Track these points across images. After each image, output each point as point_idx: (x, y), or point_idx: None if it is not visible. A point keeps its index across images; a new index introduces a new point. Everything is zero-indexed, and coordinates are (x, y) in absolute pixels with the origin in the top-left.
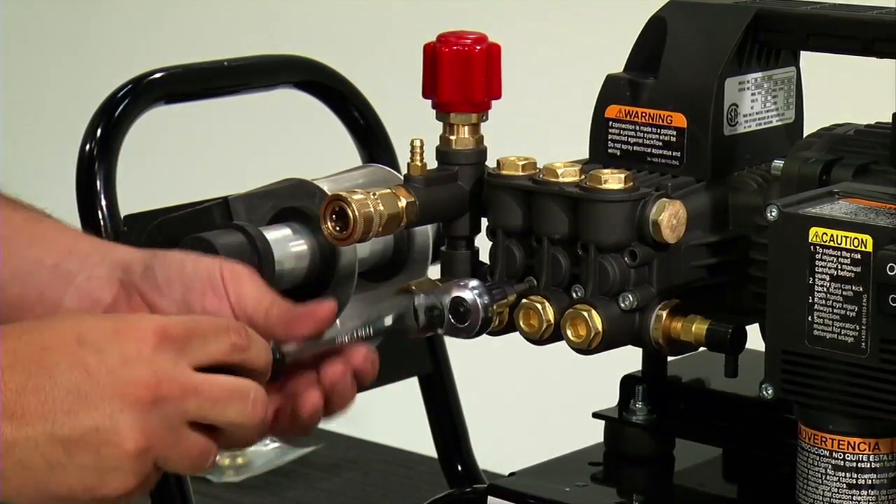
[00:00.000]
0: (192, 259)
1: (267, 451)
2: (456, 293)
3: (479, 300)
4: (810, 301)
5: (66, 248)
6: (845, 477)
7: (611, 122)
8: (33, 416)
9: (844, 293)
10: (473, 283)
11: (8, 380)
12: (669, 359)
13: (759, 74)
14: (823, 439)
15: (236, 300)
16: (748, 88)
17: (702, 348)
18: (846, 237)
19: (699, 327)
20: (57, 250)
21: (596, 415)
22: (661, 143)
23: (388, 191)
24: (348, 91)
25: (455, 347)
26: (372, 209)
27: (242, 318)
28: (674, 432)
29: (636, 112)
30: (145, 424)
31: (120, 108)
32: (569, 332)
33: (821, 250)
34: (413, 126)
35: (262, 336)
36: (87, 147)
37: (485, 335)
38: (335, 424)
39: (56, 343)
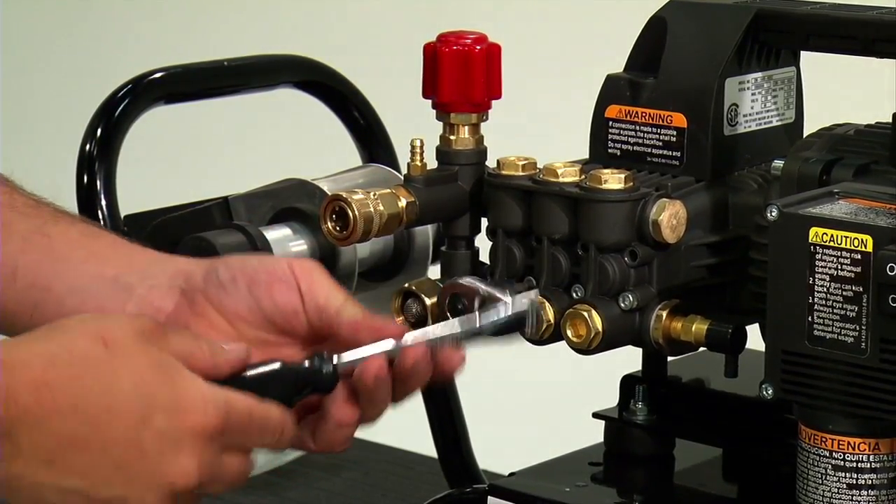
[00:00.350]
0: (257, 258)
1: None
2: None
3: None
4: (810, 301)
5: (125, 262)
6: (845, 477)
7: (611, 122)
8: (73, 474)
9: (844, 293)
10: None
11: (61, 428)
12: (669, 359)
13: (759, 74)
14: (823, 439)
15: (307, 290)
16: (748, 88)
17: (702, 348)
18: (846, 237)
19: (699, 327)
20: (116, 264)
21: (596, 415)
22: (661, 143)
23: (388, 191)
24: (348, 91)
25: None
26: (372, 209)
27: (312, 308)
28: (674, 432)
29: (636, 112)
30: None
31: (120, 108)
32: (569, 332)
33: (821, 250)
34: (413, 126)
35: (329, 329)
36: (87, 147)
37: None
38: None
39: (122, 412)
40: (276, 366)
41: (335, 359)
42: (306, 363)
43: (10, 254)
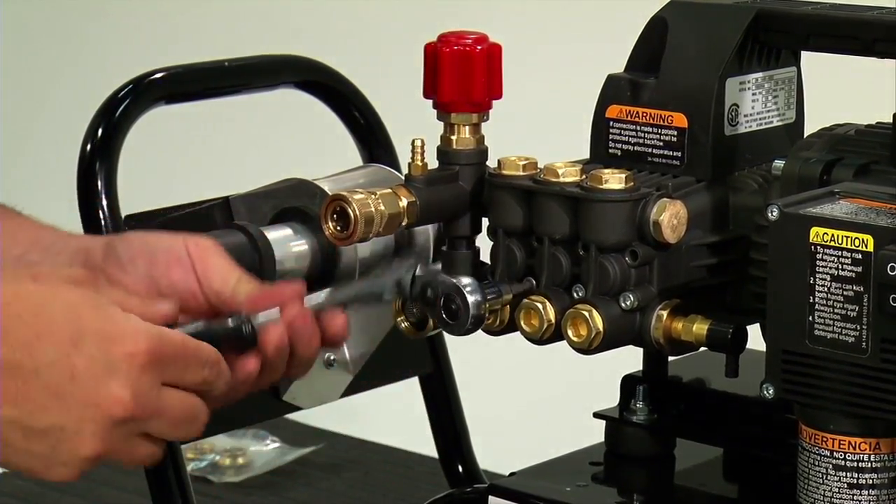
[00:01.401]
0: (155, 235)
1: (267, 451)
2: (450, 289)
3: (470, 297)
4: (811, 301)
5: (31, 240)
6: (846, 477)
7: (611, 122)
8: (6, 403)
9: (845, 293)
10: (466, 280)
11: None
12: (670, 359)
13: (759, 74)
14: (824, 439)
15: (203, 273)
16: (749, 88)
17: (702, 348)
18: (847, 237)
19: (700, 327)
20: (22, 242)
21: (596, 415)
22: (661, 143)
23: (389, 190)
24: (348, 91)
25: (455, 347)
26: (373, 209)
27: (209, 291)
28: (674, 432)
29: (637, 112)
30: (107, 436)
31: (120, 108)
32: (569, 332)
33: (821, 250)
34: (413, 126)
35: (228, 308)
36: (88, 147)
37: (485, 335)
38: (335, 424)
39: (53, 335)
40: (200, 324)
41: (252, 319)
42: (229, 322)
43: None
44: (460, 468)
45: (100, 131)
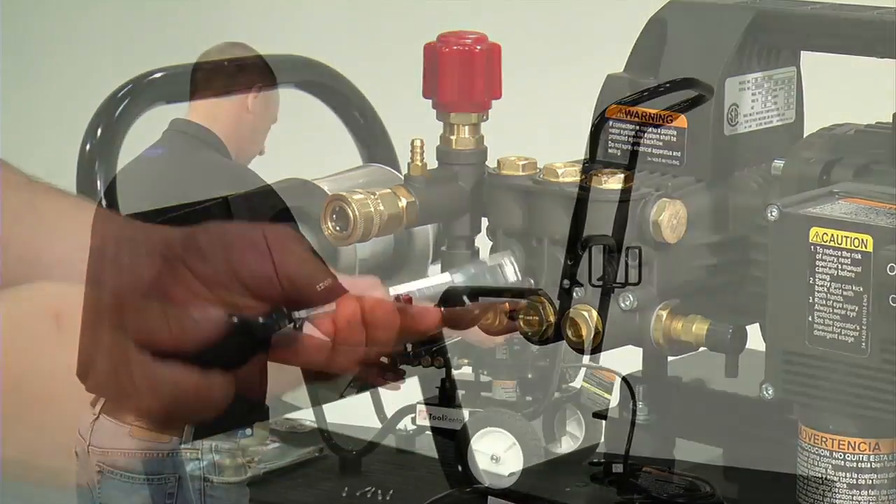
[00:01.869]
0: (234, 224)
1: (267, 451)
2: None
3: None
4: (811, 301)
5: (112, 232)
6: (846, 477)
7: (611, 122)
8: (11, 447)
9: (845, 293)
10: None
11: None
12: (669, 359)
13: (759, 74)
14: (824, 439)
15: (280, 260)
16: (748, 88)
17: (702, 348)
18: (846, 237)
19: (699, 327)
20: (101, 234)
21: (596, 415)
22: (661, 143)
23: (389, 191)
24: (348, 91)
25: None
26: (372, 209)
27: (285, 278)
28: (674, 432)
29: (636, 112)
30: None
31: (120, 108)
32: (569, 332)
33: (821, 250)
34: (413, 126)
35: (302, 297)
36: (88, 147)
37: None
38: (335, 424)
39: (61, 396)
40: (236, 318)
41: (295, 314)
42: (272, 317)
43: (2, 226)
44: (460, 468)
45: (99, 131)
